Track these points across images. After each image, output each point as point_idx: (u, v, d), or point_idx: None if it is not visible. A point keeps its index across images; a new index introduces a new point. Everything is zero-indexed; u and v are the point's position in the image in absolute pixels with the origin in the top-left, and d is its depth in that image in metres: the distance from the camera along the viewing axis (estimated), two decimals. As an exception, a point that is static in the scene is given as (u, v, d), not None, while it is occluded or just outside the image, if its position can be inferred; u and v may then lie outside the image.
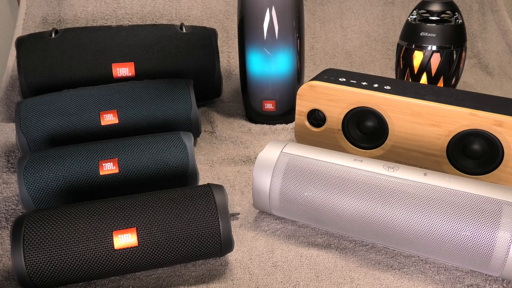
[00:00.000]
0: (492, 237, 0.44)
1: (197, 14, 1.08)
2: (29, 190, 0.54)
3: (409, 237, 0.48)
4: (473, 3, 1.14)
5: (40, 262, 0.44)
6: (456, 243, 0.45)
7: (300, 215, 0.54)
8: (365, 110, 0.65)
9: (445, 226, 0.46)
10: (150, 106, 0.67)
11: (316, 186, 0.51)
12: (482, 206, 0.45)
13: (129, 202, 0.47)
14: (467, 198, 0.46)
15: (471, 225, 0.45)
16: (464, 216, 0.45)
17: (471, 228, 0.45)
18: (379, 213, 0.48)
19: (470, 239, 0.45)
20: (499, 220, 0.44)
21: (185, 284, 0.48)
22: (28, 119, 0.63)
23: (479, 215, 0.45)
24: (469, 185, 0.47)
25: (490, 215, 0.44)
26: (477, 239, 0.44)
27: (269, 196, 0.54)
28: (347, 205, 0.50)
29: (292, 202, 0.53)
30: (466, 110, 0.58)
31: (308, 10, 1.13)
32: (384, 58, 1.09)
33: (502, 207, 0.44)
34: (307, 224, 0.56)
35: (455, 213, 0.45)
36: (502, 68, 1.07)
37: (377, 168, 0.50)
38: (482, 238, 0.44)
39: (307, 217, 0.53)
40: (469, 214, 0.45)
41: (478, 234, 0.44)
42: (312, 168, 0.52)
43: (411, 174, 0.49)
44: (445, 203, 0.46)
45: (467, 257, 0.46)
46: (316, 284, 0.48)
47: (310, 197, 0.51)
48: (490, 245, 0.44)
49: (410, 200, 0.47)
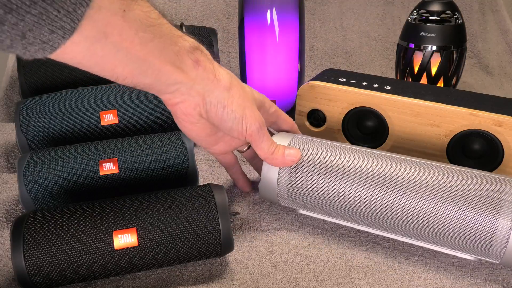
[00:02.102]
0: (493, 222, 0.44)
1: (197, 14, 1.08)
2: (29, 190, 0.54)
3: (409, 224, 0.48)
4: (473, 3, 1.14)
5: (40, 262, 0.44)
6: (457, 229, 0.46)
7: (306, 204, 0.54)
8: (365, 110, 0.65)
9: (446, 211, 0.46)
10: (150, 106, 0.67)
11: (324, 174, 0.52)
12: (484, 192, 0.46)
13: (129, 202, 0.47)
14: (468, 184, 0.46)
15: (472, 211, 0.45)
16: (465, 201, 0.46)
17: (472, 213, 0.45)
18: (380, 198, 0.49)
19: (471, 225, 0.45)
20: (500, 206, 0.44)
21: (185, 284, 0.48)
22: (28, 119, 0.63)
23: (481, 201, 0.45)
24: (470, 172, 0.48)
25: (492, 200, 0.45)
26: (478, 224, 0.45)
27: (277, 186, 0.54)
28: (350, 191, 0.50)
29: (299, 190, 0.53)
30: (466, 110, 0.58)
31: (308, 10, 1.13)
32: (384, 58, 1.09)
33: (503, 192, 0.45)
34: (312, 214, 0.56)
35: (456, 199, 0.46)
36: (502, 68, 1.07)
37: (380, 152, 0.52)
38: (483, 223, 0.45)
39: (312, 206, 0.53)
40: (470, 200, 0.46)
41: (479, 220, 0.45)
42: (320, 157, 0.53)
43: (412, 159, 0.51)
44: (446, 189, 0.47)
45: (467, 243, 0.46)
46: (316, 284, 0.48)
47: (318, 185, 0.52)
48: (491, 231, 0.45)
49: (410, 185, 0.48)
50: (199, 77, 0.46)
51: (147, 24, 0.40)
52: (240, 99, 0.49)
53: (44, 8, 0.32)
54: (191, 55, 0.45)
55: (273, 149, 0.52)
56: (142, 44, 0.40)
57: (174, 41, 0.44)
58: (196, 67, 0.46)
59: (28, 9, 0.31)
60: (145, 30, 0.40)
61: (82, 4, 0.34)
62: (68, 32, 0.34)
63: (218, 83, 0.48)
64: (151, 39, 0.41)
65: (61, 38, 0.34)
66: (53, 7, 0.32)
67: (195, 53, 0.46)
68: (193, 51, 0.46)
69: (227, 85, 0.48)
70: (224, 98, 0.48)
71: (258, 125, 0.50)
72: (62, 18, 0.33)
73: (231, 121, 0.49)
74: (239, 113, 0.49)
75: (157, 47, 0.42)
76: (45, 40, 0.34)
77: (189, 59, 0.45)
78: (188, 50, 0.45)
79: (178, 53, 0.44)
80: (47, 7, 0.32)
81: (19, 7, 0.31)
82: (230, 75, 0.49)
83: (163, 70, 0.44)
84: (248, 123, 0.49)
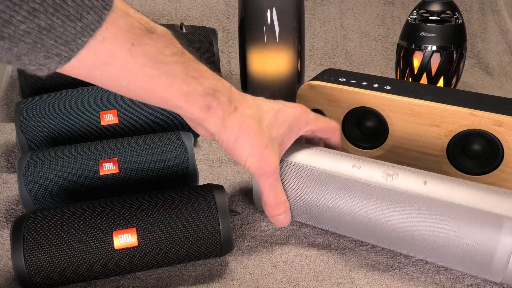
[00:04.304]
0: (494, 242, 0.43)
1: (197, 14, 1.08)
2: (29, 190, 0.54)
3: (409, 242, 0.47)
4: (473, 3, 1.14)
5: (40, 262, 0.44)
6: (457, 249, 0.45)
7: (300, 215, 0.54)
8: (365, 110, 0.65)
9: (445, 232, 0.45)
10: (150, 106, 0.67)
11: (314, 192, 0.51)
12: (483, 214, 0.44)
13: (129, 202, 0.47)
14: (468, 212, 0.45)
15: (472, 235, 0.44)
16: (465, 226, 0.44)
17: (472, 238, 0.44)
18: (378, 218, 0.48)
19: (470, 245, 0.44)
20: (501, 226, 0.43)
21: (185, 284, 0.48)
22: (28, 119, 0.63)
23: (480, 222, 0.44)
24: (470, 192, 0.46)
25: (492, 221, 0.44)
26: (478, 244, 0.44)
27: None
28: (346, 211, 0.49)
29: (291, 201, 0.52)
30: (466, 110, 0.58)
31: (308, 10, 1.13)
32: (384, 58, 1.09)
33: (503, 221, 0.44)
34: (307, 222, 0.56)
35: (455, 220, 0.45)
36: (502, 68, 1.07)
37: (375, 176, 0.49)
38: (483, 243, 0.44)
39: (306, 218, 0.53)
40: (470, 226, 0.44)
41: (479, 240, 0.44)
42: (310, 176, 0.51)
43: (410, 184, 0.48)
44: (445, 213, 0.45)
45: (467, 263, 0.45)
46: (316, 284, 0.48)
47: (309, 201, 0.51)
48: (491, 250, 0.43)
49: (409, 210, 0.47)
50: (208, 119, 0.45)
51: (157, 61, 0.39)
52: (247, 145, 0.47)
53: (39, 37, 0.31)
54: (202, 99, 0.43)
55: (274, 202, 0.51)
56: (147, 77, 0.39)
57: (187, 82, 0.42)
58: (206, 111, 0.44)
59: (22, 38, 0.31)
60: (153, 66, 0.39)
61: (84, 35, 0.33)
62: (64, 59, 0.34)
63: (225, 129, 0.46)
64: (158, 75, 0.39)
65: (57, 64, 0.34)
66: (49, 37, 0.32)
67: (207, 98, 0.44)
68: (205, 96, 0.43)
69: (234, 131, 0.47)
70: (229, 142, 0.47)
71: (259, 172, 0.49)
72: (59, 47, 0.32)
73: (235, 160, 0.49)
74: (243, 157, 0.48)
75: (164, 83, 0.40)
76: (41, 63, 0.33)
77: (200, 102, 0.43)
78: (200, 94, 0.43)
79: (188, 94, 0.42)
80: (42, 37, 0.31)
81: (11, 35, 0.30)
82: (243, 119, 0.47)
83: (171, 103, 0.42)
84: (250, 168, 0.48)
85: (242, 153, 0.48)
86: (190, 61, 0.43)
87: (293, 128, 0.52)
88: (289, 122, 0.51)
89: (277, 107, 0.51)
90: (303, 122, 0.53)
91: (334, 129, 0.57)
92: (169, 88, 0.41)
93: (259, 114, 0.49)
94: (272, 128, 0.50)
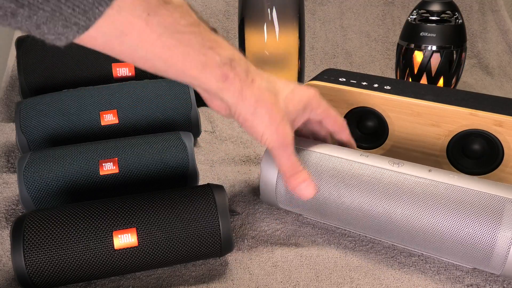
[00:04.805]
0: (494, 234, 0.44)
1: (197, 14, 1.08)
2: (29, 190, 0.54)
3: (411, 232, 0.48)
4: (473, 3, 1.14)
5: (40, 262, 0.44)
6: (458, 240, 0.46)
7: (305, 209, 0.54)
8: (365, 110, 0.65)
9: (447, 222, 0.46)
10: (150, 106, 0.67)
11: (321, 180, 0.51)
12: (485, 203, 0.45)
13: (129, 202, 0.47)
14: (470, 195, 0.46)
15: (473, 222, 0.45)
16: (466, 213, 0.45)
17: (472, 225, 0.45)
18: (382, 207, 0.49)
19: (471, 236, 0.45)
20: (501, 218, 0.44)
21: (185, 284, 0.48)
22: (28, 119, 0.63)
23: (481, 212, 0.45)
24: (472, 182, 0.47)
25: (492, 212, 0.44)
26: (479, 236, 0.45)
27: (276, 189, 0.54)
28: (351, 199, 0.50)
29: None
30: (466, 110, 0.58)
31: (308, 10, 1.13)
32: (384, 58, 1.09)
33: (504, 205, 0.44)
34: (312, 218, 0.56)
35: (457, 210, 0.46)
36: (502, 68, 1.07)
37: (382, 163, 0.51)
38: (483, 235, 0.44)
39: (312, 211, 0.53)
40: (471, 211, 0.45)
41: (479, 231, 0.45)
42: (318, 162, 0.52)
43: (416, 170, 0.50)
44: (448, 199, 0.46)
45: (468, 254, 0.46)
46: (316, 284, 0.48)
47: (318, 191, 0.52)
48: (491, 242, 0.44)
49: (413, 195, 0.48)
50: (225, 89, 0.45)
51: (174, 31, 0.39)
52: (265, 117, 0.47)
53: (57, 5, 0.32)
54: (219, 69, 0.43)
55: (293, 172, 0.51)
56: (165, 47, 0.39)
57: (203, 52, 0.42)
58: (223, 81, 0.44)
59: (41, 5, 0.32)
60: (170, 36, 0.39)
61: (101, 4, 0.34)
62: (82, 28, 0.34)
63: (243, 101, 0.46)
64: (175, 45, 0.40)
65: (75, 33, 0.34)
66: (67, 6, 0.32)
67: (224, 68, 0.43)
68: (222, 66, 0.43)
69: (252, 103, 0.46)
70: (247, 114, 0.47)
71: (277, 144, 0.49)
72: (76, 16, 0.33)
73: (251, 134, 0.49)
74: (260, 130, 0.48)
75: (181, 53, 0.40)
76: (60, 32, 0.34)
77: (217, 73, 0.43)
78: (217, 64, 0.43)
79: (205, 64, 0.42)
80: (60, 5, 0.32)
81: (30, 3, 0.31)
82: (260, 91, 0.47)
83: (187, 73, 0.42)
84: (267, 140, 0.48)
85: (259, 125, 0.47)
86: (207, 32, 0.42)
87: (307, 109, 0.53)
88: (304, 101, 0.52)
89: (292, 85, 0.51)
90: (316, 104, 0.53)
91: (342, 123, 0.57)
92: (186, 58, 0.41)
93: (275, 88, 0.49)
94: (289, 103, 0.50)
